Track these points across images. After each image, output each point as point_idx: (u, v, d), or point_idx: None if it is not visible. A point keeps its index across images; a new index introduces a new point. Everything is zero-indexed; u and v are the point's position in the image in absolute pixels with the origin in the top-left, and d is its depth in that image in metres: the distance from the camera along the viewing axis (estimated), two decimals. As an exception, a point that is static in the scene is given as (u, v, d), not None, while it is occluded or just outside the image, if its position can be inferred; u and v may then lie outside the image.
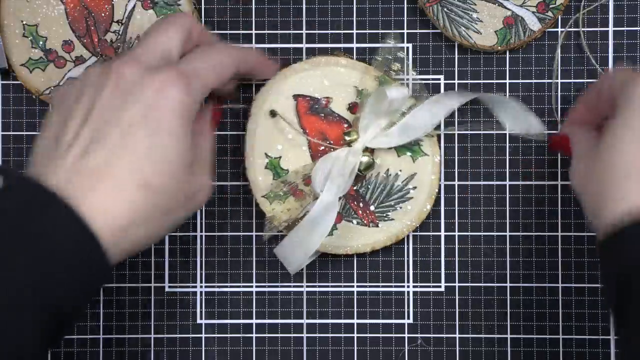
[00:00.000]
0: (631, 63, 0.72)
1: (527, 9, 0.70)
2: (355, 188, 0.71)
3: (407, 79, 0.72)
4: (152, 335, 0.72)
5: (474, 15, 0.70)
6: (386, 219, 0.71)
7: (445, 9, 0.70)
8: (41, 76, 0.71)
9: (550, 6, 0.70)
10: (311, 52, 0.72)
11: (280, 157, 0.70)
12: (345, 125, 0.71)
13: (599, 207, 0.59)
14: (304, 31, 0.72)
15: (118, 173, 0.56)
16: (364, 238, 0.71)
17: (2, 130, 0.72)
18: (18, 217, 0.53)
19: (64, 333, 0.56)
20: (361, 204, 0.71)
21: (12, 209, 0.54)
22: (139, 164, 0.56)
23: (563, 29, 0.72)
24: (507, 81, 0.72)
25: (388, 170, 0.71)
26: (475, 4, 0.70)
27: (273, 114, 0.70)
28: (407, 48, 0.72)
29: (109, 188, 0.55)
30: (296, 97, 0.71)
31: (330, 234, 0.71)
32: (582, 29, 0.72)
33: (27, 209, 0.54)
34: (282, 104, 0.70)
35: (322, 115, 0.71)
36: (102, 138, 0.57)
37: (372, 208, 0.71)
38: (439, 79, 0.72)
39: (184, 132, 0.58)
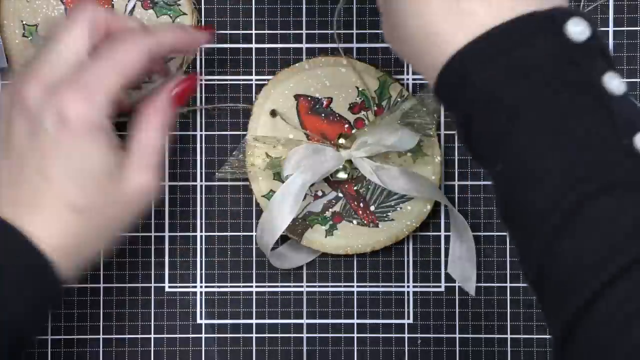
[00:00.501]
0: (631, 63, 0.72)
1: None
2: (355, 188, 0.71)
3: (407, 78, 0.72)
4: (152, 335, 0.72)
5: (474, 15, 0.70)
6: (386, 219, 0.71)
7: (445, 9, 0.70)
8: (41, 76, 0.71)
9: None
10: (311, 52, 0.72)
11: (281, 157, 0.70)
12: (346, 126, 0.71)
13: (422, 60, 0.53)
14: (304, 31, 0.72)
15: (47, 202, 0.58)
16: (363, 238, 0.71)
17: (2, 131, 0.72)
18: None
19: (24, 348, 0.58)
20: (361, 204, 0.71)
21: None
22: (62, 189, 0.58)
23: (563, 29, 0.72)
24: (507, 81, 0.72)
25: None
26: (475, 4, 0.70)
27: (274, 113, 0.70)
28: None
29: (43, 216, 0.58)
30: (297, 97, 0.71)
31: (331, 233, 0.71)
32: (582, 29, 0.72)
33: None
34: (283, 104, 0.70)
35: (323, 115, 0.71)
36: (23, 173, 0.58)
37: (372, 208, 0.71)
38: (439, 79, 0.72)
39: (99, 145, 0.59)
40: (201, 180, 0.72)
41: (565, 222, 0.47)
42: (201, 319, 0.72)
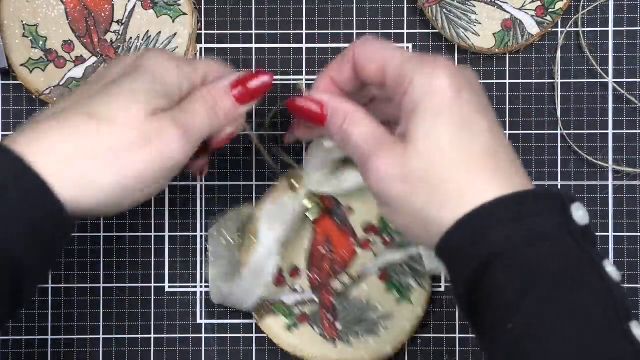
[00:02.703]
0: (631, 63, 0.72)
1: (525, 13, 0.70)
2: (333, 300, 0.70)
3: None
4: (152, 335, 0.72)
5: (473, 17, 0.70)
6: (346, 342, 0.70)
7: (444, 10, 0.70)
8: (41, 76, 0.71)
9: (549, 10, 0.70)
10: (311, 52, 0.72)
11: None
12: (351, 241, 0.70)
13: (433, 215, 0.55)
14: (304, 31, 0.72)
15: (69, 115, 0.55)
16: (317, 348, 0.70)
17: (2, 130, 0.72)
18: None
19: (25, 296, 0.54)
20: (331, 317, 0.70)
21: None
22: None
23: (563, 29, 0.72)
24: (507, 81, 0.72)
25: (370, 300, 0.70)
26: (475, 6, 0.70)
27: (292, 187, 0.69)
28: (407, 48, 0.72)
29: (54, 126, 0.55)
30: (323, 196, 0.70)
31: (290, 330, 0.70)
32: (582, 29, 0.72)
33: None
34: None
35: (338, 222, 0.70)
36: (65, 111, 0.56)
37: (338, 325, 0.70)
38: (439, 79, 0.72)
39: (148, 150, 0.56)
40: (201, 181, 0.72)
41: None
42: (201, 319, 0.72)
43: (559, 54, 0.72)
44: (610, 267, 0.53)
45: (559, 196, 0.54)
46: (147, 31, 0.71)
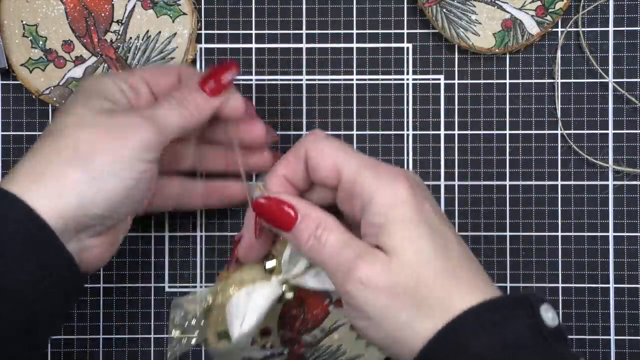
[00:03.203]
0: (631, 63, 0.72)
1: (526, 13, 0.70)
2: (302, 351, 0.68)
3: (407, 79, 0.72)
4: (152, 335, 0.72)
5: (473, 17, 0.70)
6: None
7: (444, 10, 0.70)
8: (41, 76, 0.71)
9: (549, 10, 0.70)
10: (311, 52, 0.72)
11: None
12: (327, 302, 0.66)
13: (415, 327, 0.55)
14: (304, 31, 0.72)
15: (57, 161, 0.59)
16: None
17: (2, 131, 0.72)
18: None
19: (42, 327, 0.58)
20: None
21: None
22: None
23: (563, 29, 0.72)
24: (507, 81, 0.72)
25: (341, 346, 0.68)
26: (475, 6, 0.70)
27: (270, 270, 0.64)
28: (407, 48, 0.72)
29: (27, 158, 0.59)
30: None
31: None
32: (582, 29, 0.72)
33: None
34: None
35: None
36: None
37: None
38: (439, 79, 0.72)
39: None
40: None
41: None
42: (201, 319, 0.72)
43: (559, 54, 0.72)
44: None
45: (527, 299, 0.55)
46: (147, 31, 0.71)
